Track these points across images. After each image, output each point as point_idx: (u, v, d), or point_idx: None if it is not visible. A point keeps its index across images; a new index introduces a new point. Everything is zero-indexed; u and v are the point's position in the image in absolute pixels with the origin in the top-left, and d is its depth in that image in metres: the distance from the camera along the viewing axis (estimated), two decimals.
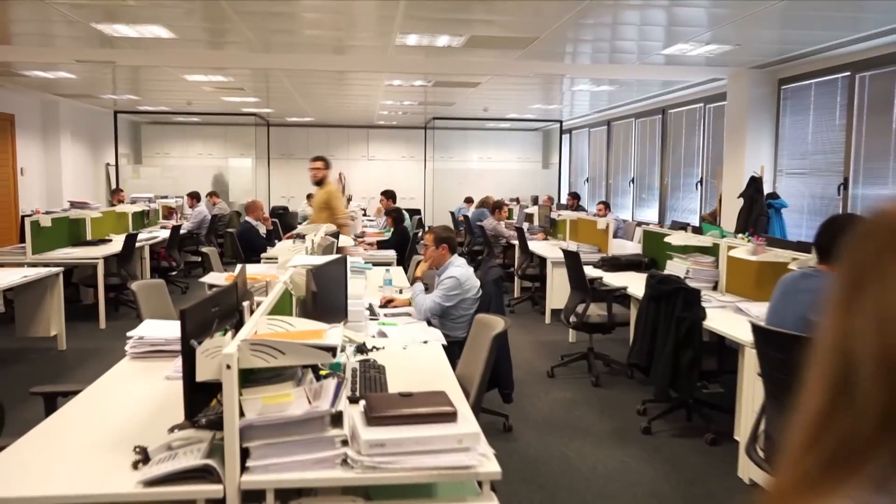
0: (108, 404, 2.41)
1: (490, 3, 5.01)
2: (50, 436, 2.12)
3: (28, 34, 6.50)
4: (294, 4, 5.19)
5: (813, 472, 0.56)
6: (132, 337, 3.00)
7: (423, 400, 2.00)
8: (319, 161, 6.65)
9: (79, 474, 1.84)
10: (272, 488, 1.78)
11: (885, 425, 0.55)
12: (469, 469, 1.83)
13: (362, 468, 1.79)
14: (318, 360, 1.92)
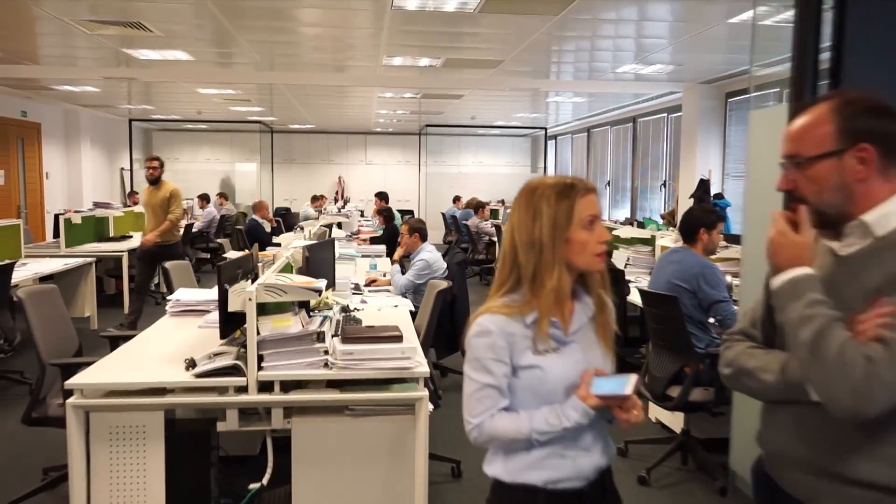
0: (159, 341, 3.35)
1: (458, 35, 5.97)
2: (124, 357, 3.07)
3: (64, 56, 7.46)
4: (295, 32, 6.14)
5: (498, 290, 1.52)
6: (170, 300, 3.95)
7: (381, 329, 2.94)
8: (156, 160, 6.55)
9: (153, 373, 2.79)
10: (278, 380, 2.72)
11: (517, 271, 1.50)
12: (409, 369, 2.77)
13: (338, 368, 2.73)
14: (310, 297, 2.86)
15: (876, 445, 1.24)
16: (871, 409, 1.16)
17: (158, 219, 6.44)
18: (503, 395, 1.48)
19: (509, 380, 1.49)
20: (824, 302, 1.25)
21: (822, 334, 1.21)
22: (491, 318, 1.50)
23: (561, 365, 1.50)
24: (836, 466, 1.28)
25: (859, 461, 1.25)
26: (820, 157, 1.31)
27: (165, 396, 2.72)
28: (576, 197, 1.51)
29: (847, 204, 1.31)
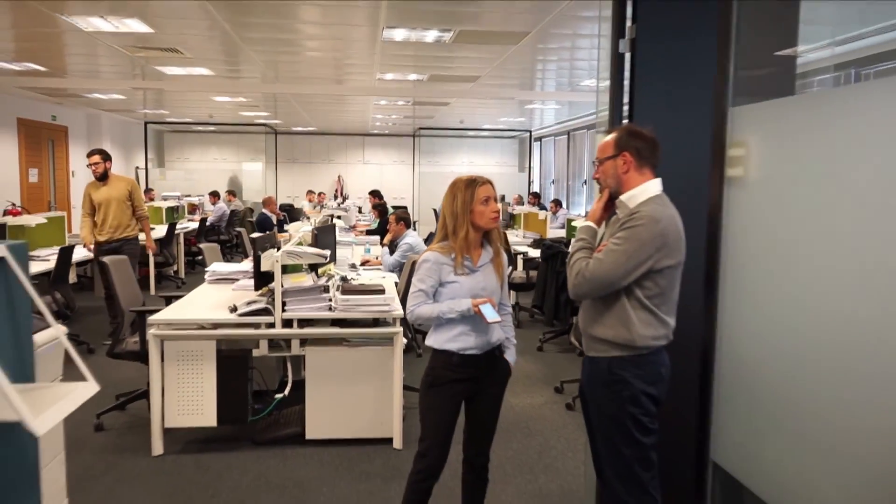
0: (205, 297, 4.48)
1: (440, 57, 7.09)
2: (183, 306, 4.20)
3: (101, 70, 8.58)
4: (300, 54, 7.26)
5: (437, 240, 2.66)
6: (208, 271, 5.08)
7: (370, 286, 4.09)
8: (95, 155, 6.08)
9: (206, 313, 3.93)
10: (296, 318, 3.85)
11: (445, 229, 2.64)
12: (388, 312, 3.91)
13: (339, 311, 3.87)
14: (318, 260, 4.00)
15: (602, 318, 2.35)
16: (579, 295, 2.30)
17: (123, 214, 6.13)
18: (428, 296, 2.61)
19: (436, 289, 2.62)
20: (583, 238, 2.38)
21: (572, 255, 2.34)
22: (431, 253, 2.64)
23: (469, 282, 2.62)
24: (588, 330, 2.40)
25: (596, 326, 2.37)
26: (606, 158, 2.43)
27: (216, 330, 3.86)
28: (476, 186, 2.64)
29: (619, 187, 2.42)
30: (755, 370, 1.92)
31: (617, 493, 2.39)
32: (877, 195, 1.43)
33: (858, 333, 1.48)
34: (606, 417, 2.37)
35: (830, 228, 1.57)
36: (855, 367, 1.49)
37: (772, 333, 1.85)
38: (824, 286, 1.61)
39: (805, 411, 1.70)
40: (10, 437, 2.06)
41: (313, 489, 3.47)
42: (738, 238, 1.99)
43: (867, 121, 1.47)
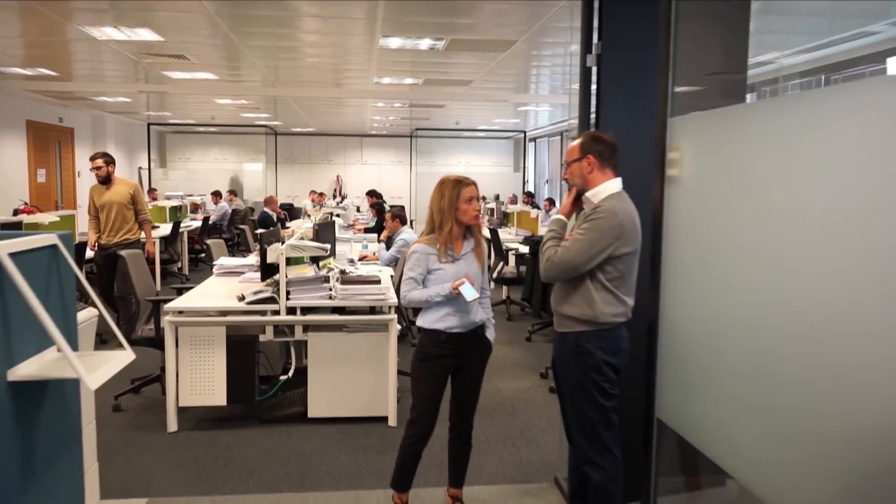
0: (214, 288, 4.83)
1: (433, 63, 7.45)
2: (195, 296, 4.55)
3: (110, 75, 8.92)
4: (299, 60, 7.60)
5: (426, 233, 3.02)
6: (216, 265, 5.43)
7: (367, 277, 4.44)
8: (98, 159, 6.07)
9: (216, 302, 4.28)
10: (299, 306, 4.20)
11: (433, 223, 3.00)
12: (383, 301, 4.26)
13: (338, 300, 4.22)
14: (319, 253, 4.35)
15: (570, 298, 2.71)
16: (548, 277, 2.66)
17: (124, 218, 6.13)
18: (418, 283, 2.96)
19: (425, 276, 2.97)
20: (554, 229, 2.74)
21: (544, 243, 2.70)
22: (419, 245, 2.99)
23: (453, 269, 2.97)
24: (558, 308, 2.76)
25: (564, 304, 2.72)
26: (572, 161, 2.78)
27: (226, 317, 4.21)
28: (462, 187, 2.99)
29: (585, 185, 2.78)
30: (689, 340, 2.27)
31: (584, 452, 2.76)
32: (778, 192, 1.77)
33: (766, 306, 1.82)
34: (574, 384, 2.72)
35: (747, 219, 1.91)
36: (762, 334, 1.83)
37: (702, 309, 2.19)
38: (742, 268, 1.94)
39: (727, 373, 2.04)
40: (61, 397, 2.42)
41: (315, 460, 3.82)
42: (676, 229, 2.34)
43: (769, 130, 1.81)
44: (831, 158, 1.58)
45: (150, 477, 3.60)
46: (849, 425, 1.55)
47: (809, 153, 1.66)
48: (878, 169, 1.45)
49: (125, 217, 6.16)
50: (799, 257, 1.68)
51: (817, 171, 1.63)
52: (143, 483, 3.52)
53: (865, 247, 1.48)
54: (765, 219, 1.84)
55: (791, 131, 1.75)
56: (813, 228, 1.63)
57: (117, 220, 6.13)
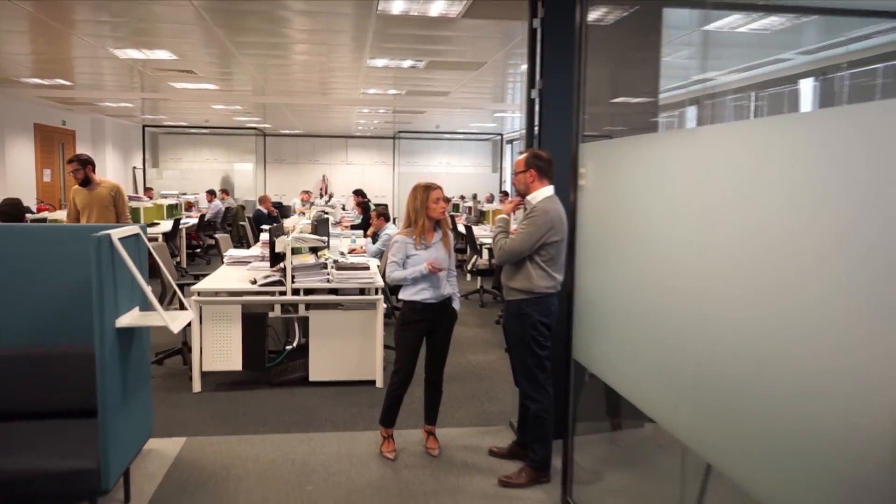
0: (227, 274, 5.70)
1: (416, 78, 8.35)
2: (213, 280, 5.42)
3: (119, 84, 9.72)
4: (291, 75, 8.47)
5: (404, 227, 3.94)
6: (226, 255, 6.30)
7: (358, 264, 5.34)
8: (72, 162, 5.98)
9: (232, 285, 5.16)
10: (302, 287, 5.10)
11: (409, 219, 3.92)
12: (371, 284, 5.17)
13: (335, 282, 5.12)
14: (318, 244, 5.24)
15: (515, 275, 3.63)
16: (500, 261, 3.59)
17: (105, 220, 6.01)
18: (399, 265, 3.86)
19: (404, 260, 3.87)
20: (501, 225, 3.67)
21: (495, 237, 3.63)
22: (399, 236, 3.90)
23: (426, 254, 3.88)
24: (506, 282, 3.68)
25: (511, 280, 3.65)
26: (519, 172, 3.71)
27: (241, 297, 5.09)
28: (430, 190, 3.90)
29: (527, 191, 3.70)
30: (592, 299, 3.17)
31: (525, 390, 3.69)
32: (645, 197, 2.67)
33: (645, 273, 2.71)
34: (517, 339, 3.65)
35: (630, 216, 2.81)
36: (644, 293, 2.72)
37: (601, 277, 3.09)
38: (628, 248, 2.84)
39: (619, 322, 2.94)
40: (140, 343, 3.33)
41: (317, 412, 4.72)
42: (584, 223, 3.26)
43: (638, 156, 2.71)
44: (676, 174, 2.49)
45: (184, 423, 4.48)
46: (692, 343, 2.46)
47: (663, 170, 2.58)
48: (704, 175, 2.36)
49: (107, 220, 5.99)
50: (665, 240, 2.59)
51: (678, 182, 2.54)
52: (179, 427, 4.40)
53: (706, 227, 2.39)
54: (640, 214, 2.75)
55: (651, 158, 2.67)
56: (670, 220, 2.54)
57: (98, 222, 5.92)
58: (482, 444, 4.19)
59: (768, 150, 1.89)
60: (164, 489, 3.54)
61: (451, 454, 4.06)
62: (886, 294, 1.44)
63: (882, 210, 1.46)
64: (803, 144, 1.75)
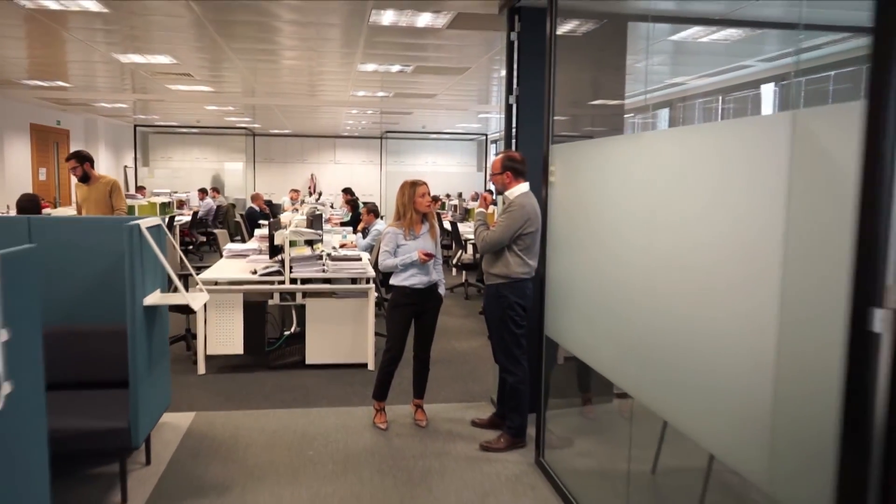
0: (229, 266, 6.09)
1: (404, 81, 8.77)
2: (217, 270, 5.82)
3: (116, 86, 10.06)
4: (284, 77, 8.86)
5: (394, 220, 4.37)
6: (225, 248, 6.70)
7: (350, 256, 5.77)
8: (71, 160, 6.12)
9: (234, 275, 5.57)
10: (300, 277, 5.51)
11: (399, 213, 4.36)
12: (363, 274, 5.60)
13: (329, 273, 5.54)
14: (314, 237, 5.66)
15: (494, 262, 4.07)
16: (482, 251, 4.03)
17: (102, 214, 6.13)
18: (391, 254, 4.29)
19: (395, 249, 4.30)
20: (480, 219, 4.11)
21: (477, 229, 4.08)
22: (390, 228, 4.33)
23: (414, 244, 4.31)
24: (487, 269, 4.12)
25: (491, 266, 4.09)
26: (496, 174, 4.15)
27: (242, 286, 5.50)
28: (417, 186, 4.33)
29: (504, 189, 4.15)
30: (560, 282, 3.61)
31: (503, 364, 4.13)
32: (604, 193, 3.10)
33: (604, 259, 3.15)
34: (496, 319, 4.10)
35: (591, 210, 3.25)
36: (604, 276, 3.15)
37: (567, 263, 3.52)
38: (591, 238, 3.27)
39: (583, 301, 3.38)
40: (160, 322, 3.73)
41: (314, 390, 5.14)
42: (554, 216, 3.71)
43: (597, 157, 3.15)
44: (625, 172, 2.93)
45: (192, 400, 4.88)
46: (638, 314, 2.90)
47: (616, 170, 3.01)
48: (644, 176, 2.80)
49: (104, 214, 6.17)
50: (618, 230, 3.03)
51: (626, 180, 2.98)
52: (188, 404, 4.80)
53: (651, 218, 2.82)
54: (598, 208, 3.19)
55: (605, 159, 3.11)
56: (622, 212, 2.98)
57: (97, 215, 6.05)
58: (465, 417, 4.63)
59: (684, 154, 2.34)
60: (180, 454, 3.96)
61: (437, 425, 4.50)
62: (761, 270, 1.89)
63: (761, 204, 1.91)
64: (708, 150, 2.20)
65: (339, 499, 3.48)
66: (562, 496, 3.53)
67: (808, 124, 1.75)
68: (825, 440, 1.64)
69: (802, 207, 1.76)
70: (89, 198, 6.15)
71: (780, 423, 1.87)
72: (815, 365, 1.72)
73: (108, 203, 6.14)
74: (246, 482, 3.63)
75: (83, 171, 6.09)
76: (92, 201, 6.12)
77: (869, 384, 1.55)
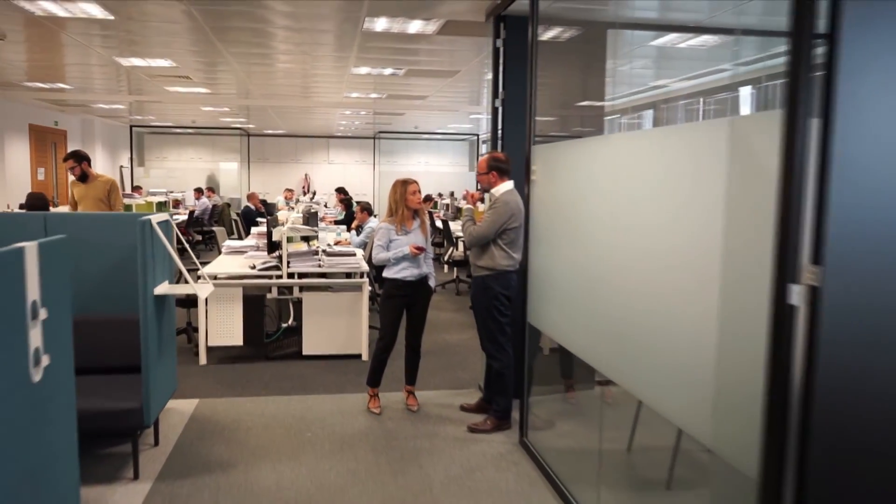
0: (230, 261, 6.35)
1: (396, 84, 9.04)
2: (218, 265, 6.07)
3: (115, 87, 10.29)
4: (279, 79, 9.11)
5: (387, 216, 4.64)
6: (224, 245, 6.95)
7: (345, 252, 6.03)
8: (69, 160, 6.24)
9: (234, 270, 5.82)
10: (297, 272, 5.77)
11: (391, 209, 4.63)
12: (357, 268, 5.86)
13: (325, 267, 5.81)
14: (312, 234, 5.92)
15: (481, 255, 4.34)
16: (470, 245, 4.31)
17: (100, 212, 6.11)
18: (384, 248, 4.56)
19: (388, 244, 4.57)
20: (467, 215, 4.39)
21: (465, 224, 4.36)
22: (383, 224, 4.60)
23: (406, 239, 4.58)
24: (474, 262, 4.40)
25: (477, 259, 4.36)
26: (482, 173, 4.42)
27: (242, 280, 5.75)
28: (408, 184, 4.60)
29: (490, 187, 4.42)
30: (541, 273, 3.88)
31: (489, 351, 4.41)
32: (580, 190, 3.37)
33: (581, 252, 3.42)
34: (482, 308, 4.37)
35: (569, 206, 3.52)
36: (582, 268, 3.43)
37: (548, 255, 3.80)
38: (569, 232, 3.55)
39: (562, 290, 3.66)
40: (169, 311, 3.98)
41: (311, 379, 5.40)
42: (536, 211, 3.99)
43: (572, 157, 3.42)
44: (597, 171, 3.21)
45: (196, 388, 5.13)
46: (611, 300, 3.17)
47: (586, 169, 3.29)
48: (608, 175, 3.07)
49: (102, 211, 6.20)
50: (591, 224, 3.30)
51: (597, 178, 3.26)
52: (192, 392, 5.06)
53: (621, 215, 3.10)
54: (574, 204, 3.46)
55: (580, 158, 3.39)
56: (595, 208, 3.26)
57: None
58: (454, 403, 4.91)
59: (641, 155, 2.62)
60: (186, 436, 4.22)
61: (427, 410, 4.77)
62: (705, 256, 2.16)
63: (704, 199, 2.19)
64: (659, 152, 2.48)
65: (335, 474, 3.75)
66: (543, 472, 3.81)
67: (741, 129, 2.03)
68: (756, 401, 1.92)
69: (737, 201, 2.05)
70: (87, 196, 6.23)
71: (721, 389, 2.15)
72: (747, 336, 2.00)
73: (105, 201, 6.24)
74: (249, 460, 3.90)
75: (81, 171, 6.20)
76: (90, 199, 6.21)
77: (789, 349, 1.83)
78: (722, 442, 2.15)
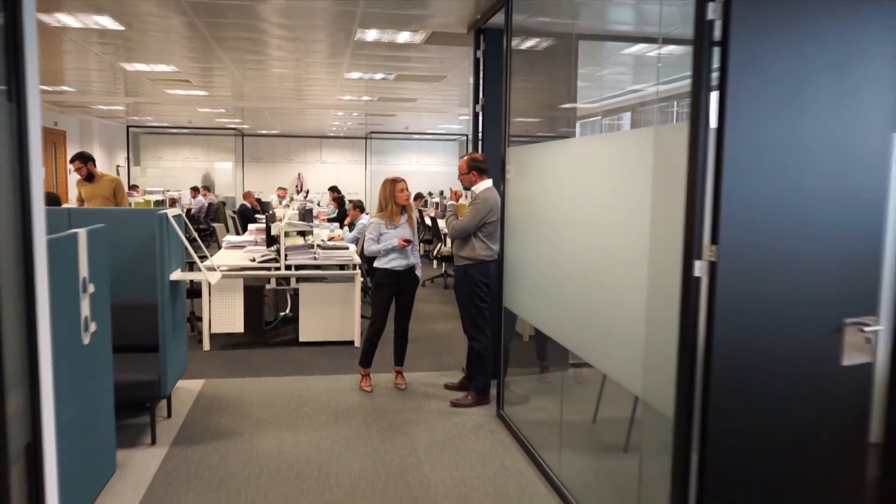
0: (227, 256, 6.78)
1: (387, 87, 9.48)
2: (221, 258, 6.51)
3: (115, 89, 10.69)
4: (274, 82, 9.54)
5: (377, 212, 5.10)
6: (224, 240, 7.38)
7: (339, 246, 6.48)
8: (75, 161, 6.48)
9: (235, 262, 6.26)
10: (294, 264, 6.22)
11: (381, 205, 5.09)
12: (350, 261, 6.32)
13: (320, 260, 6.25)
14: (307, 229, 6.37)
15: (463, 247, 4.80)
16: (452, 238, 4.78)
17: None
18: (375, 241, 5.02)
19: (378, 237, 5.02)
20: (451, 210, 4.85)
21: (447, 219, 4.82)
22: (374, 218, 5.06)
23: (395, 232, 5.03)
24: (457, 252, 4.86)
25: (460, 250, 4.82)
26: (464, 173, 4.88)
27: (243, 272, 6.19)
28: (396, 183, 5.06)
29: (470, 185, 4.88)
30: (515, 262, 4.35)
31: (470, 333, 4.88)
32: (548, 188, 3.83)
33: (548, 242, 3.88)
34: (464, 295, 4.83)
35: (539, 202, 3.99)
36: (548, 256, 3.89)
37: (520, 246, 4.26)
38: (540, 225, 4.01)
39: (532, 276, 4.12)
40: (181, 297, 4.42)
41: (307, 362, 5.85)
42: (510, 207, 4.46)
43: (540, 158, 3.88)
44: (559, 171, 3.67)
45: (201, 370, 5.58)
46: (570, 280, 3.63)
47: (549, 169, 3.76)
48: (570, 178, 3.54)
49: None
50: (556, 218, 3.77)
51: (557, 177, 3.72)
52: (198, 373, 5.50)
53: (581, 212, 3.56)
54: (542, 200, 3.93)
55: (546, 159, 3.85)
56: (558, 204, 3.72)
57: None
58: (439, 382, 5.37)
59: (587, 158, 3.09)
60: (196, 410, 4.66)
61: (414, 388, 5.23)
62: (637, 240, 2.63)
63: (634, 196, 2.65)
64: (601, 155, 2.95)
65: (331, 441, 4.20)
66: (516, 439, 4.27)
67: (662, 137, 2.50)
68: (673, 356, 2.39)
69: (659, 196, 2.52)
70: (95, 195, 6.49)
71: (648, 347, 2.62)
72: (667, 304, 2.47)
73: (112, 199, 6.50)
74: (253, 430, 4.35)
75: (88, 171, 6.48)
76: (98, 198, 6.47)
77: (696, 313, 2.29)
78: (649, 391, 2.62)
